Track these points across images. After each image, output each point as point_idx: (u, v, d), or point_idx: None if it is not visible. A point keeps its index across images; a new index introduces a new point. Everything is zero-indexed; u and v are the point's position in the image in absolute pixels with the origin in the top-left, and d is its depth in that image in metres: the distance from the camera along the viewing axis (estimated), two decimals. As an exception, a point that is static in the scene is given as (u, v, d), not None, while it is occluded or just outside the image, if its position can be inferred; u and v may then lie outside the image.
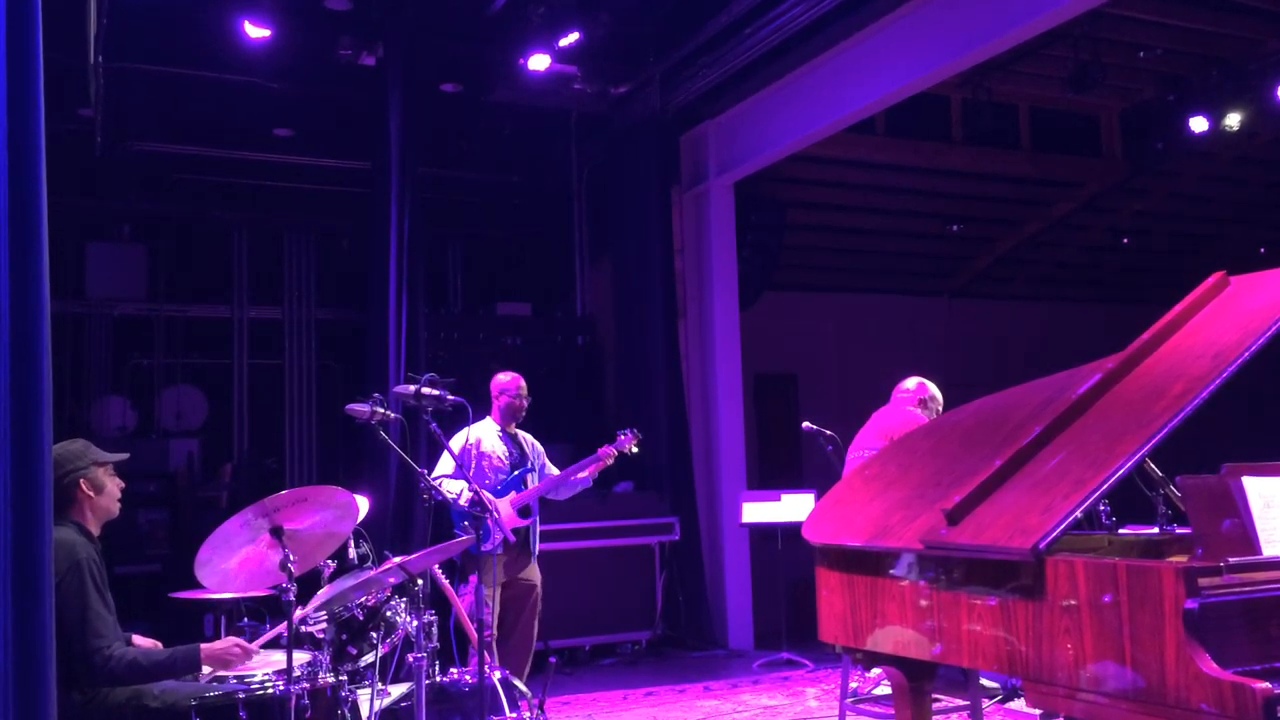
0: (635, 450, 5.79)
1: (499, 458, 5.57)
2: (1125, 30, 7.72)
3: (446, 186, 9.55)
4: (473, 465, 5.48)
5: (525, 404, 5.73)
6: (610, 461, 5.70)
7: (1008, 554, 2.73)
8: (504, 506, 5.44)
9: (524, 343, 9.23)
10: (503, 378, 5.75)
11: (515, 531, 5.46)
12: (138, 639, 3.64)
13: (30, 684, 2.36)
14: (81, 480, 3.43)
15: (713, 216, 8.72)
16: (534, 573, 5.70)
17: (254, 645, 3.54)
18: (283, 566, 3.35)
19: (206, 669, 3.49)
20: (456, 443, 5.47)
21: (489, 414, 5.71)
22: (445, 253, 10.40)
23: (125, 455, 3.62)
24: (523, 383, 5.73)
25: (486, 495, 5.28)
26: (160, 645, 3.60)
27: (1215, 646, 2.36)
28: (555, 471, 5.79)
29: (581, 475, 5.70)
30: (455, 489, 5.30)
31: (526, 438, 5.81)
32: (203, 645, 3.41)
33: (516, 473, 5.59)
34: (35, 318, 2.44)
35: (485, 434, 5.60)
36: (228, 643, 3.48)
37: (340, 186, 9.57)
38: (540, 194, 9.99)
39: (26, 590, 2.37)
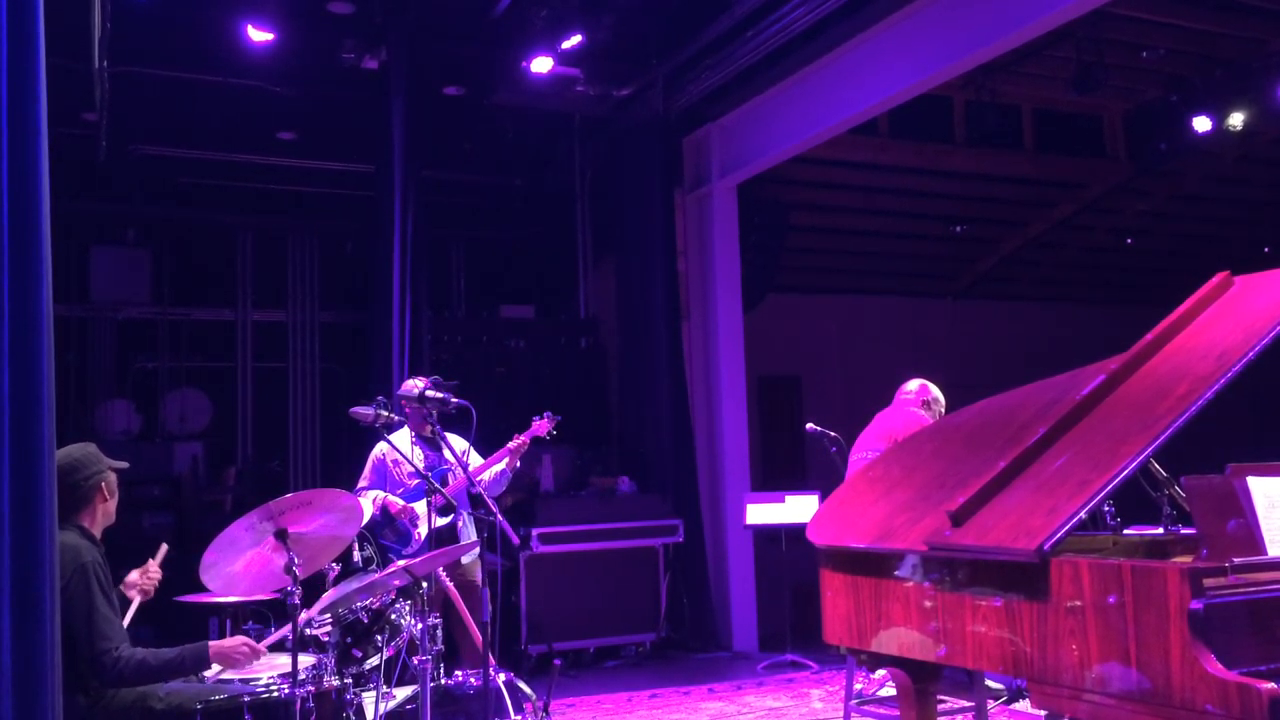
0: (554, 433, 5.75)
1: (414, 463, 5.52)
2: (1128, 30, 7.72)
3: (449, 189, 9.56)
4: (389, 474, 5.49)
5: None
6: (525, 449, 5.66)
7: (1012, 555, 2.73)
8: (421, 508, 5.42)
9: (527, 345, 9.23)
10: (406, 384, 5.70)
11: (440, 532, 5.42)
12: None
13: (31, 687, 2.36)
14: (102, 483, 3.47)
15: (716, 218, 8.72)
16: (471, 569, 5.49)
17: (262, 645, 3.54)
18: (288, 570, 3.35)
19: (214, 669, 3.50)
20: (373, 455, 5.51)
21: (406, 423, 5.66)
22: (448, 255, 10.41)
23: (126, 465, 3.64)
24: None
25: (396, 501, 5.33)
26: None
27: (1220, 647, 2.35)
28: (481, 462, 5.75)
29: (499, 467, 5.66)
30: (371, 498, 5.36)
31: (447, 438, 5.76)
32: (211, 643, 3.42)
33: (434, 472, 5.55)
34: (36, 321, 2.44)
35: (399, 442, 5.48)
36: (236, 641, 3.48)
37: (343, 189, 9.58)
38: (543, 196, 9.99)
39: (27, 594, 2.38)
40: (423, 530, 5.41)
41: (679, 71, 8.17)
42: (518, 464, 5.69)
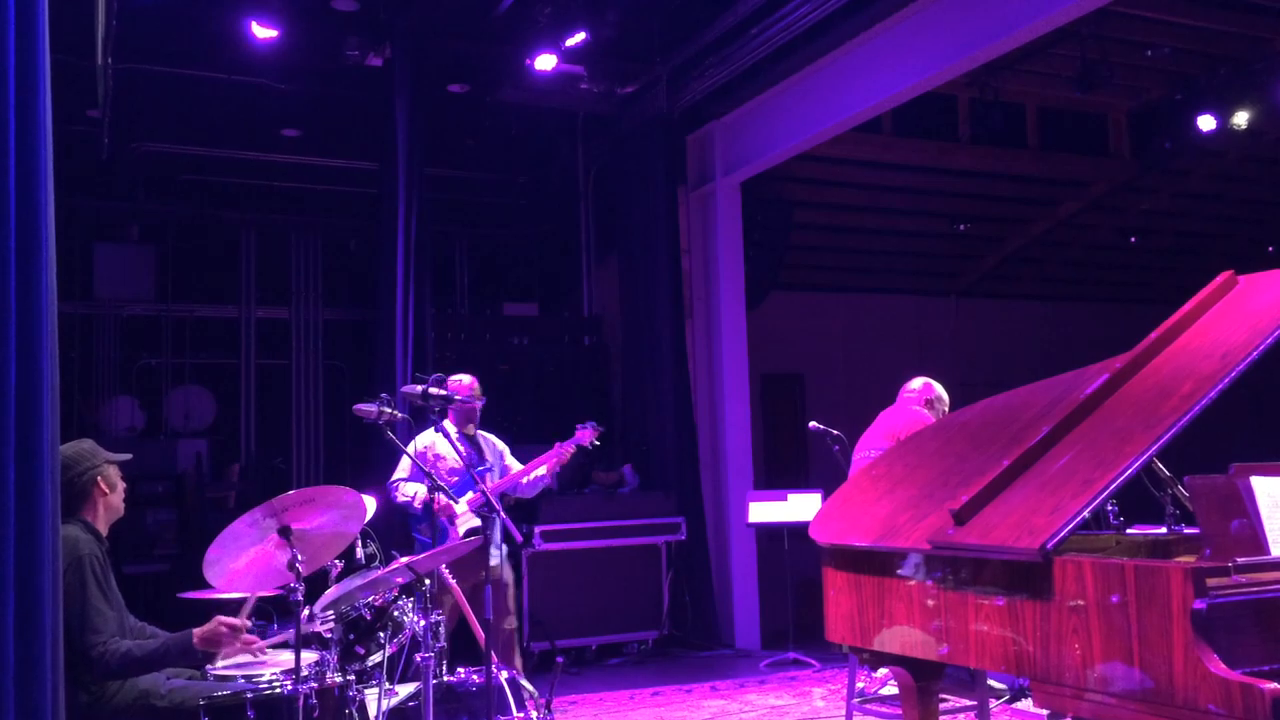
0: (596, 444, 5.75)
1: (455, 459, 5.51)
2: (1132, 29, 7.70)
3: (453, 186, 9.57)
4: (428, 469, 5.50)
5: (479, 405, 5.72)
6: (568, 457, 5.69)
7: (1015, 554, 2.73)
8: (460, 506, 5.44)
9: (530, 342, 9.23)
10: (453, 380, 5.71)
11: (476, 531, 5.45)
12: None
13: (33, 682, 2.37)
14: (99, 477, 3.48)
15: (719, 216, 8.72)
16: (501, 570, 5.62)
17: (239, 620, 3.53)
18: (291, 566, 3.35)
19: (220, 663, 3.50)
20: (413, 448, 5.50)
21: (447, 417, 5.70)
22: (452, 252, 10.42)
23: (128, 456, 3.64)
24: (476, 385, 5.75)
25: (438, 497, 5.33)
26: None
27: (1224, 647, 2.35)
28: (518, 467, 5.78)
29: (540, 472, 5.68)
30: (411, 491, 5.36)
31: (487, 438, 5.81)
32: (194, 631, 3.42)
33: (476, 470, 5.57)
34: (40, 318, 2.45)
35: (439, 438, 5.51)
36: (213, 623, 3.46)
37: (348, 187, 9.59)
38: (547, 194, 9.99)
39: (30, 592, 2.38)
40: (462, 528, 5.42)
41: (683, 69, 8.16)
42: (558, 470, 5.71)
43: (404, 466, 5.55)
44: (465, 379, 5.76)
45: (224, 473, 9.57)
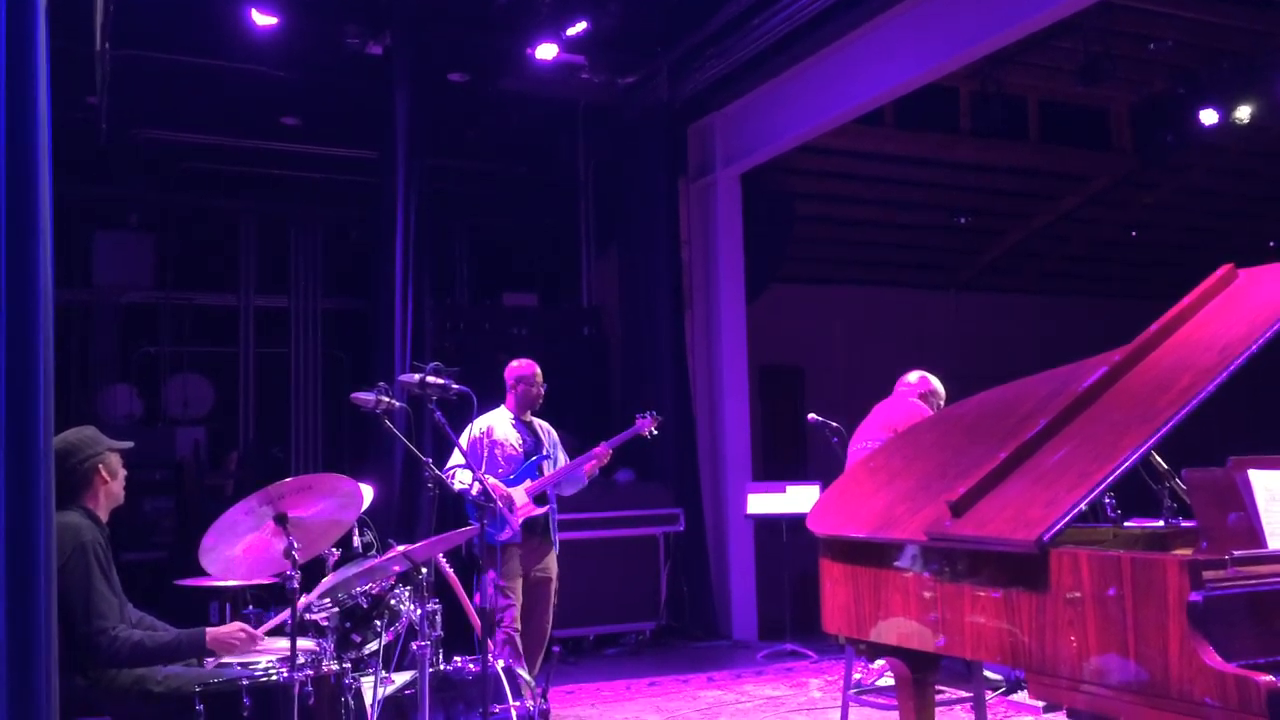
0: (654, 433, 5.70)
1: (513, 445, 5.47)
2: (1135, 22, 7.69)
3: (453, 176, 9.54)
4: (485, 454, 5.41)
5: (541, 391, 5.60)
6: (618, 445, 5.62)
7: (1011, 546, 2.73)
8: (519, 494, 5.36)
9: (530, 333, 9.21)
10: (517, 364, 5.65)
11: (534, 521, 5.41)
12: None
13: (25, 667, 2.37)
14: (100, 465, 3.47)
15: (719, 208, 8.71)
16: (551, 565, 5.57)
17: (259, 631, 3.55)
18: (287, 554, 3.35)
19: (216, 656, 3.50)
20: (469, 432, 5.42)
21: (504, 402, 5.63)
22: (451, 242, 10.38)
23: (130, 444, 3.64)
24: (538, 370, 5.62)
25: (498, 484, 5.24)
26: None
27: (1219, 640, 2.35)
28: (567, 460, 5.73)
29: (592, 464, 5.64)
30: (467, 479, 5.29)
31: (543, 425, 5.70)
32: (208, 630, 3.42)
33: (532, 459, 5.51)
34: (33, 305, 2.44)
35: (499, 422, 5.50)
36: (233, 627, 3.48)
37: (347, 175, 9.56)
38: (547, 184, 9.97)
39: (21, 577, 2.38)
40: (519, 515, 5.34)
41: (684, 59, 8.14)
42: (606, 462, 5.61)
43: (459, 455, 5.45)
44: (525, 362, 5.63)
45: (222, 461, 9.56)
